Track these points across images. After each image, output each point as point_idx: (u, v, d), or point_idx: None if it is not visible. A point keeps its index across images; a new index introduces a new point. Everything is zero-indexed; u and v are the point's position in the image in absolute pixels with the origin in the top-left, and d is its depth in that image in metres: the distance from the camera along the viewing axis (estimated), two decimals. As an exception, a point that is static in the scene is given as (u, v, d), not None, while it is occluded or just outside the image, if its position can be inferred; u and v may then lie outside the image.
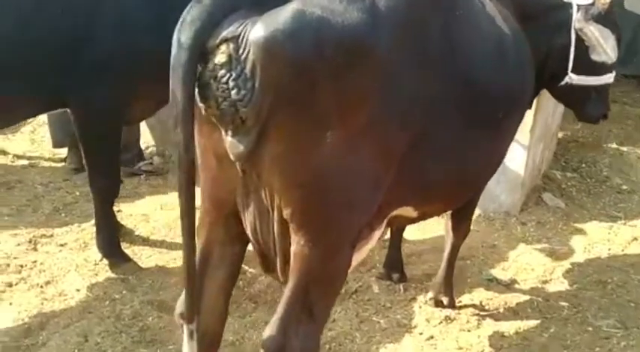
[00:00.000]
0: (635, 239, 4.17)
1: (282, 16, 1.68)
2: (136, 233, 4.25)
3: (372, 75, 1.81)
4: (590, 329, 3.23)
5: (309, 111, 1.77)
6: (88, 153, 3.51)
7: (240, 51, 1.70)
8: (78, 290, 3.55)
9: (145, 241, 4.18)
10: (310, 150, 1.83)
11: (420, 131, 2.08)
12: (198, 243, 2.24)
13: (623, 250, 4.05)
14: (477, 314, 3.37)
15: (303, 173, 1.87)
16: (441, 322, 3.31)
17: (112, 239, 3.78)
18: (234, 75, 1.71)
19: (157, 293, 3.59)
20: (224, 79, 1.72)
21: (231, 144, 1.84)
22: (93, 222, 4.28)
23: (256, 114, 1.74)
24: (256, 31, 1.68)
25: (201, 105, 1.80)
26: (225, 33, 1.71)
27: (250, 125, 1.77)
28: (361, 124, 1.86)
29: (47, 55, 3.14)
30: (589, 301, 3.49)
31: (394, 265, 3.67)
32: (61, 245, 4.03)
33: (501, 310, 3.43)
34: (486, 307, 3.46)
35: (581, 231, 4.30)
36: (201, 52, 1.72)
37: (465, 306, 3.45)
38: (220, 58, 1.72)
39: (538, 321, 3.34)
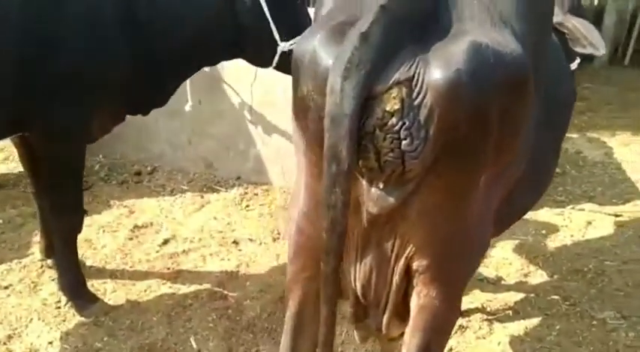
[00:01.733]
0: (589, 223, 4.40)
1: (459, 53, 1.44)
2: (87, 263, 3.73)
3: (526, 108, 1.65)
4: (595, 322, 3.33)
5: (475, 156, 1.56)
6: (52, 182, 2.99)
7: (414, 95, 1.45)
8: (50, 343, 3.05)
9: (101, 272, 3.69)
10: (465, 197, 1.64)
11: None
12: (292, 301, 1.97)
13: (583, 236, 4.25)
14: (486, 319, 3.35)
15: (453, 223, 1.67)
16: (456, 331, 3.26)
17: (77, 279, 3.29)
18: (407, 123, 1.45)
19: (143, 335, 3.18)
20: (395, 128, 1.46)
21: (379, 196, 1.59)
22: (32, 255, 3.76)
23: (423, 164, 1.51)
24: (435, 71, 1.43)
25: (351, 158, 1.52)
26: (397, 75, 1.44)
27: (411, 176, 1.54)
28: (507, 163, 1.70)
29: (6, 75, 2.62)
30: (578, 292, 3.61)
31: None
32: (6, 287, 3.45)
33: (505, 311, 3.44)
34: (488, 309, 3.46)
35: (535, 219, 4.45)
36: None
37: (471, 311, 3.42)
38: (392, 104, 1.45)
39: (540, 318, 3.40)
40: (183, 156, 4.93)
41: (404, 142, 1.47)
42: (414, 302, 1.83)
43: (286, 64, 3.20)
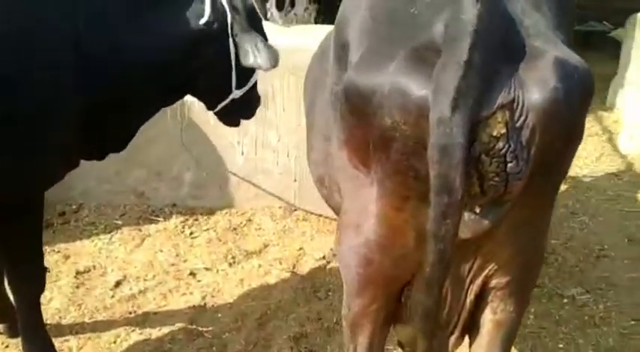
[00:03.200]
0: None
1: (549, 71, 1.45)
2: (39, 321, 3.37)
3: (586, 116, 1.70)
4: (565, 300, 3.53)
5: (561, 169, 1.60)
6: (14, 242, 2.67)
7: (516, 117, 1.44)
8: None
9: (59, 330, 3.35)
10: (547, 210, 1.68)
11: None
12: (363, 336, 1.90)
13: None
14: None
15: (535, 237, 1.71)
16: (445, 331, 3.32)
17: (46, 344, 2.96)
18: (512, 145, 1.44)
19: (131, 392, 2.94)
20: (501, 152, 1.44)
21: (474, 221, 1.56)
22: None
23: (523, 184, 1.51)
24: (534, 92, 1.42)
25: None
26: (501, 99, 1.42)
27: (510, 197, 1.53)
28: (567, 171, 1.75)
29: None
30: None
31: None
32: (-45, 367, 3.03)
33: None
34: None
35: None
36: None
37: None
38: (499, 128, 1.42)
39: (514, 304, 3.55)
40: (110, 189, 4.59)
41: (510, 165, 1.46)
42: (488, 318, 1.84)
43: (224, 112, 3.05)
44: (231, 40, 2.72)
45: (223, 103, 3.01)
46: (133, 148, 4.50)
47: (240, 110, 3.15)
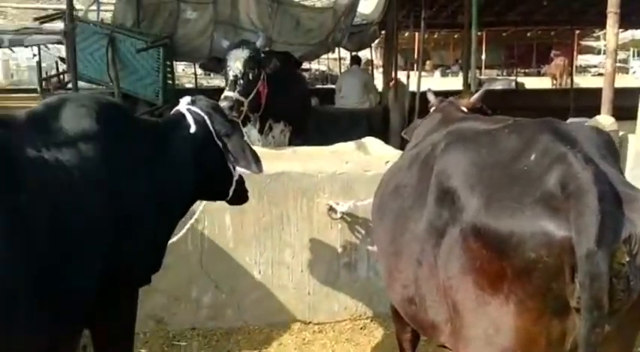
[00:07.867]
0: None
1: None
2: None
3: None
4: None
5: None
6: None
7: (632, 247, 1.94)
8: None
9: None
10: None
11: None
12: None
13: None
14: None
15: (635, 333, 2.18)
16: None
17: None
18: (632, 268, 1.93)
19: None
20: (626, 274, 1.92)
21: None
22: None
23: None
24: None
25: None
26: (623, 234, 1.92)
27: (627, 306, 2.00)
28: None
29: None
30: None
31: None
32: None
33: None
34: None
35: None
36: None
37: None
38: (624, 257, 1.91)
39: None
40: (130, 318, 4.69)
41: (631, 283, 1.93)
42: None
43: (235, 196, 3.55)
44: (214, 133, 3.24)
45: (233, 187, 3.48)
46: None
47: (242, 189, 3.62)
